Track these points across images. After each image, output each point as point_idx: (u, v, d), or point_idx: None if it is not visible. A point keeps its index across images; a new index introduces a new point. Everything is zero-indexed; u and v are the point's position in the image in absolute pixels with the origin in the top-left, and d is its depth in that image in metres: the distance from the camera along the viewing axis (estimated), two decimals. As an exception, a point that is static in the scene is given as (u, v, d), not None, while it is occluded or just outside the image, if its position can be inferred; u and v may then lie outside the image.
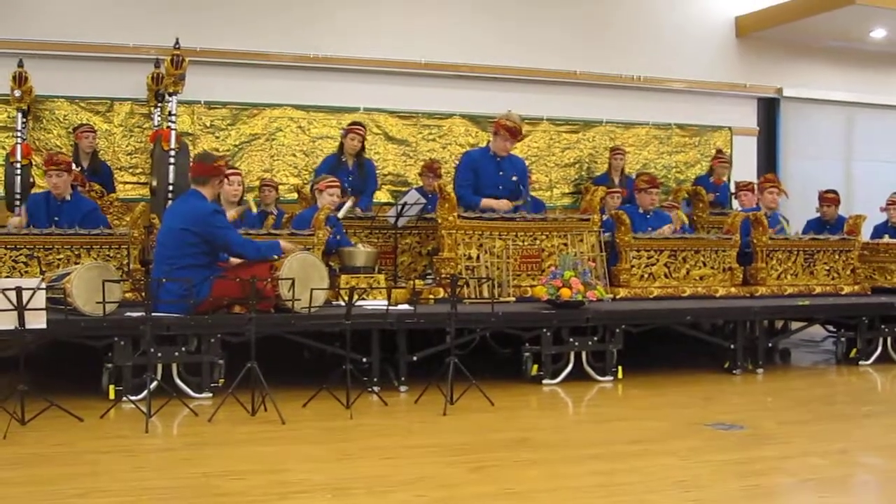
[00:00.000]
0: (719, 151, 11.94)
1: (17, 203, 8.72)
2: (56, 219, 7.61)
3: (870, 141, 13.74)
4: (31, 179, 9.24)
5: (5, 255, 7.19)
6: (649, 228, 8.74)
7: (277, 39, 10.63)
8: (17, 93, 9.01)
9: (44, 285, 5.59)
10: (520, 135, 8.45)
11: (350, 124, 9.49)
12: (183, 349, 6.41)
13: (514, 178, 8.41)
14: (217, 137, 10.38)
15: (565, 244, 8.18)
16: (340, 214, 7.99)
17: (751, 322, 8.10)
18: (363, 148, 9.42)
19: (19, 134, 9.09)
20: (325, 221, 7.61)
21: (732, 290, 8.65)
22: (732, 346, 7.82)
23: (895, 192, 10.10)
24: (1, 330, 5.46)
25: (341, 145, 9.35)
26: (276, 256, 6.78)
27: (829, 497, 4.30)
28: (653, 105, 12.22)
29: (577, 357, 7.25)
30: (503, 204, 8.23)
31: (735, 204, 11.01)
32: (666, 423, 5.86)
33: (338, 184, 8.09)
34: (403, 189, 10.41)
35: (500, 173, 8.38)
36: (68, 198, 7.83)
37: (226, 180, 7.49)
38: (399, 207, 8.17)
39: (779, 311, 8.56)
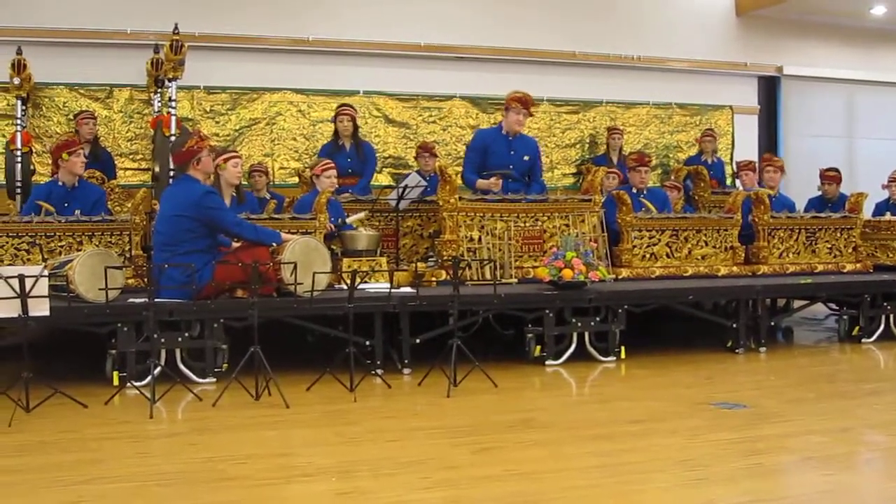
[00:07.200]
0: (708, 129, 11.89)
1: (18, 192, 8.73)
2: (66, 205, 7.60)
3: (871, 118, 13.71)
4: (32, 167, 9.25)
5: (7, 242, 7.20)
6: (643, 209, 8.73)
7: (277, 23, 10.61)
8: (17, 80, 8.99)
9: (46, 273, 5.59)
10: (531, 104, 8.45)
11: (338, 107, 9.50)
12: (186, 334, 6.42)
13: (527, 159, 8.43)
14: (217, 122, 10.37)
15: (567, 225, 8.17)
16: (350, 220, 7.96)
17: (753, 301, 8.08)
18: (356, 128, 9.40)
19: (19, 121, 9.08)
20: (326, 206, 7.61)
21: (734, 269, 8.65)
22: (735, 326, 7.82)
23: (896, 170, 10.09)
24: (4, 318, 5.46)
25: (336, 130, 9.34)
26: (273, 244, 6.76)
27: (832, 475, 4.31)
28: (653, 85, 12.19)
29: (579, 338, 7.26)
30: (494, 182, 8.19)
31: (738, 183, 10.98)
32: (669, 403, 5.86)
33: (333, 166, 8.09)
34: (404, 172, 10.39)
35: (511, 152, 8.39)
36: (76, 184, 7.83)
37: (228, 163, 7.36)
38: (400, 190, 8.17)
39: (781, 290, 8.55)
